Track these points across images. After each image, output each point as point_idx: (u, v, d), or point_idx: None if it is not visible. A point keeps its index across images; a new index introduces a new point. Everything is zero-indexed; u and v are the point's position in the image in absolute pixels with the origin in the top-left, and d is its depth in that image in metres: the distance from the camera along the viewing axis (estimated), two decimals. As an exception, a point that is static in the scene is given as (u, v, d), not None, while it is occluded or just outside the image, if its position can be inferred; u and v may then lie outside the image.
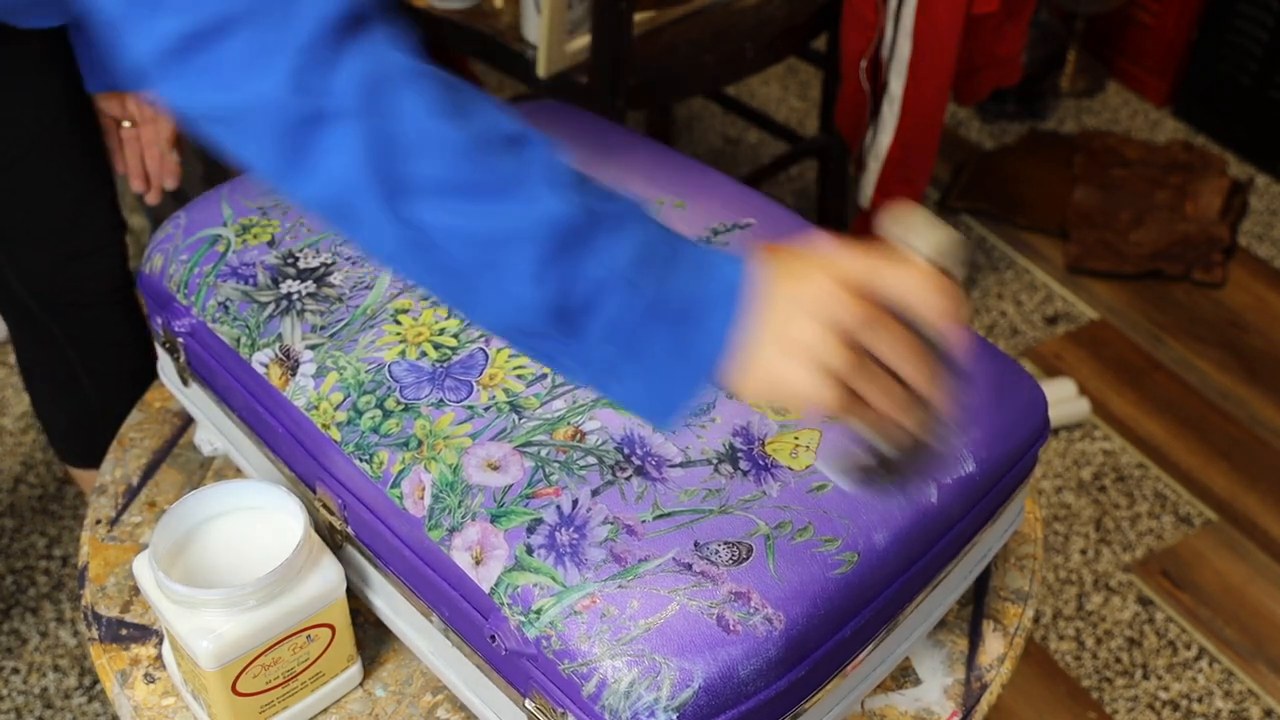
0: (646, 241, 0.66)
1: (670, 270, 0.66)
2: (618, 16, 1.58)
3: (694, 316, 0.66)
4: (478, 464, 0.80)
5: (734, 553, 0.75)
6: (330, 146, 0.64)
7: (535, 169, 0.65)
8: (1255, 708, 1.70)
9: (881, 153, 1.90)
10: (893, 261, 0.67)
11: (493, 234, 0.64)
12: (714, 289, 0.66)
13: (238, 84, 0.64)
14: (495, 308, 0.66)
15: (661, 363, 0.66)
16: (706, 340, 0.66)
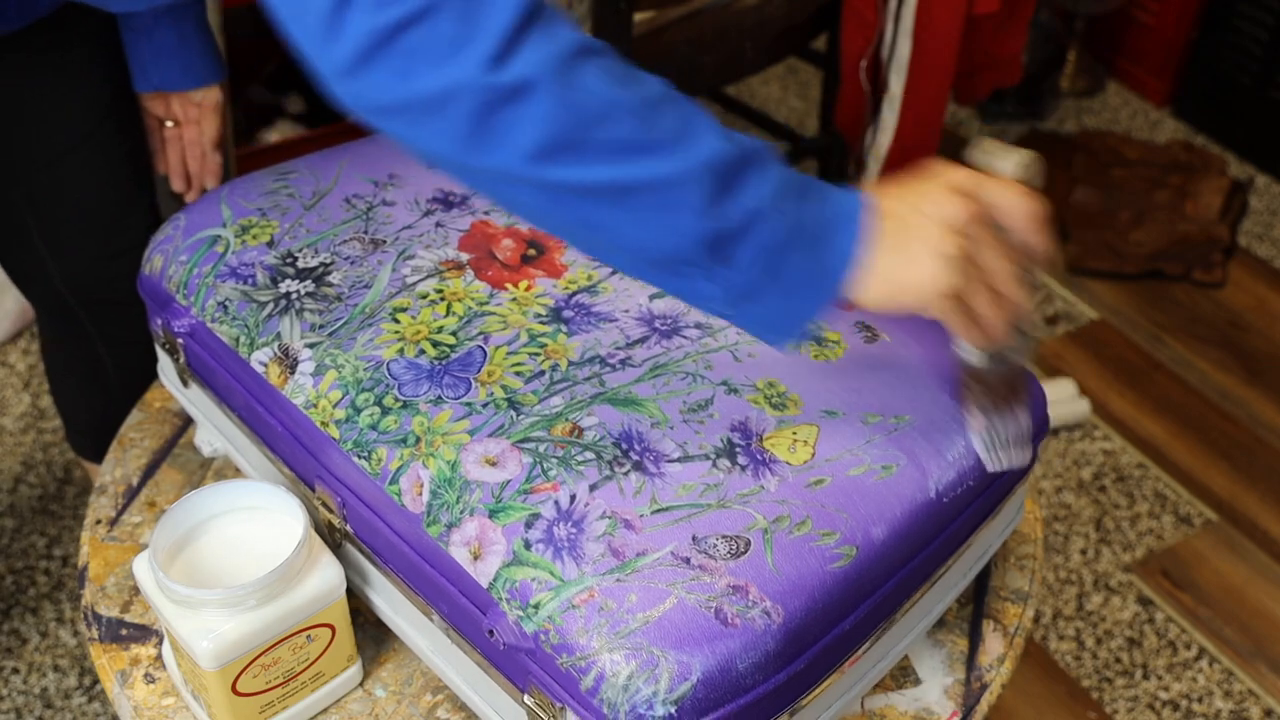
0: (783, 174, 0.73)
1: (803, 198, 0.73)
2: (618, 16, 1.58)
3: (825, 237, 0.73)
4: (476, 460, 0.80)
5: (732, 546, 0.75)
6: (520, 119, 0.68)
7: (694, 118, 0.72)
8: (1255, 708, 1.70)
9: (881, 153, 1.90)
10: (987, 177, 0.76)
11: (670, 178, 0.70)
12: (840, 212, 0.73)
13: (431, 72, 0.68)
14: (662, 242, 0.72)
15: (798, 282, 0.73)
16: (837, 257, 0.73)
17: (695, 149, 0.71)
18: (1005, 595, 0.99)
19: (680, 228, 0.71)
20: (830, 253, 0.73)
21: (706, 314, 0.89)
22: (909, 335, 0.91)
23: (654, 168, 0.70)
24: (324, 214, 0.99)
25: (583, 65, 0.70)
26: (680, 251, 0.72)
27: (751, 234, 0.71)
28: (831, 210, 0.74)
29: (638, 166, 0.70)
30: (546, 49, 0.69)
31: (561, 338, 0.87)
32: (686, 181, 0.70)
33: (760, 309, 0.74)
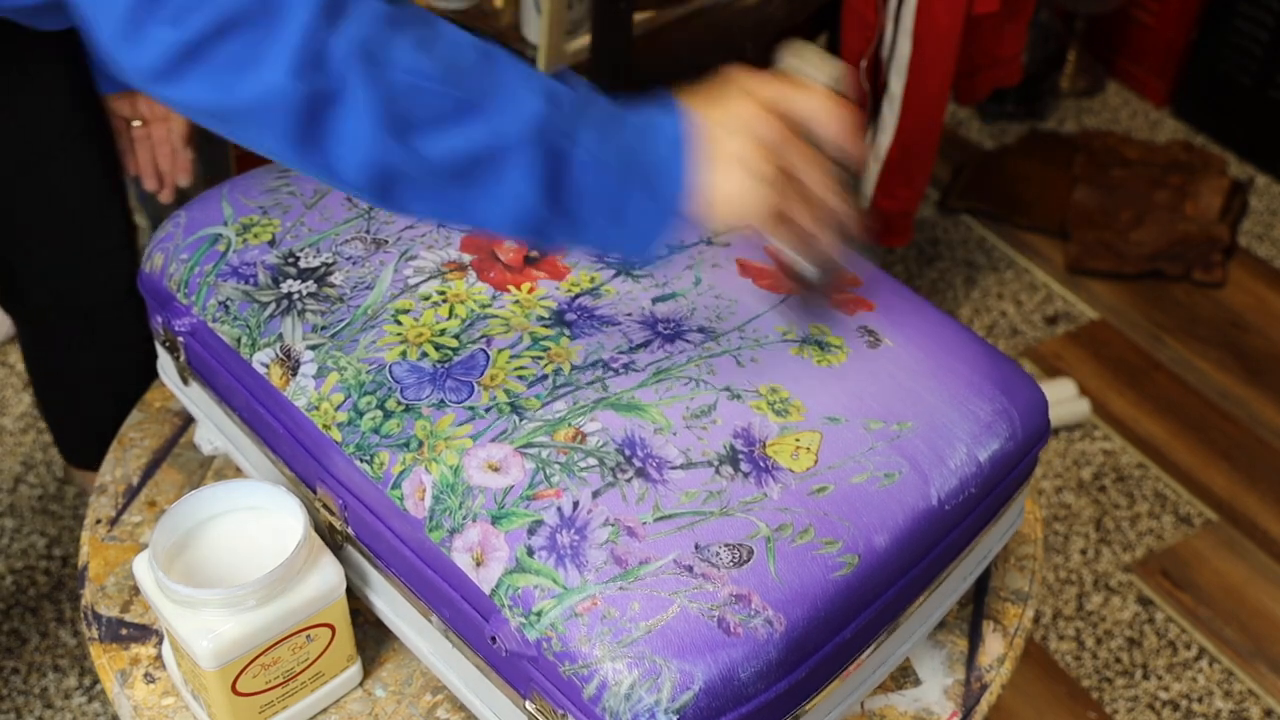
0: (603, 118, 0.75)
1: (627, 138, 0.75)
2: (618, 16, 1.58)
3: (656, 171, 0.75)
4: (478, 465, 0.80)
5: (735, 555, 0.75)
6: (344, 124, 0.68)
7: (509, 75, 0.73)
8: (1255, 708, 1.70)
9: (881, 153, 1.90)
10: (797, 87, 0.78)
11: (491, 146, 0.71)
12: (665, 142, 0.76)
13: (241, 83, 0.67)
14: (502, 212, 0.73)
15: (640, 218, 0.76)
16: (670, 185, 0.75)
17: (515, 110, 0.71)
18: (1005, 596, 0.99)
19: (517, 193, 0.72)
20: (663, 183, 0.75)
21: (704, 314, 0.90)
22: (912, 341, 0.91)
23: (474, 136, 0.70)
24: (325, 213, 0.98)
25: (388, 43, 0.69)
26: (525, 217, 0.73)
27: (584, 188, 0.73)
28: (657, 142, 0.75)
29: (457, 137, 0.70)
30: (350, 40, 0.68)
31: (564, 341, 0.87)
32: (511, 147, 0.71)
33: (611, 245, 0.78)
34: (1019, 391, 0.89)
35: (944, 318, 0.95)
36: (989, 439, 0.85)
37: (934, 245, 2.44)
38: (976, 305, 2.31)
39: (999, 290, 2.35)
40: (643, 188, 0.75)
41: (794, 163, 0.76)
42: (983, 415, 0.86)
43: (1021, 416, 0.88)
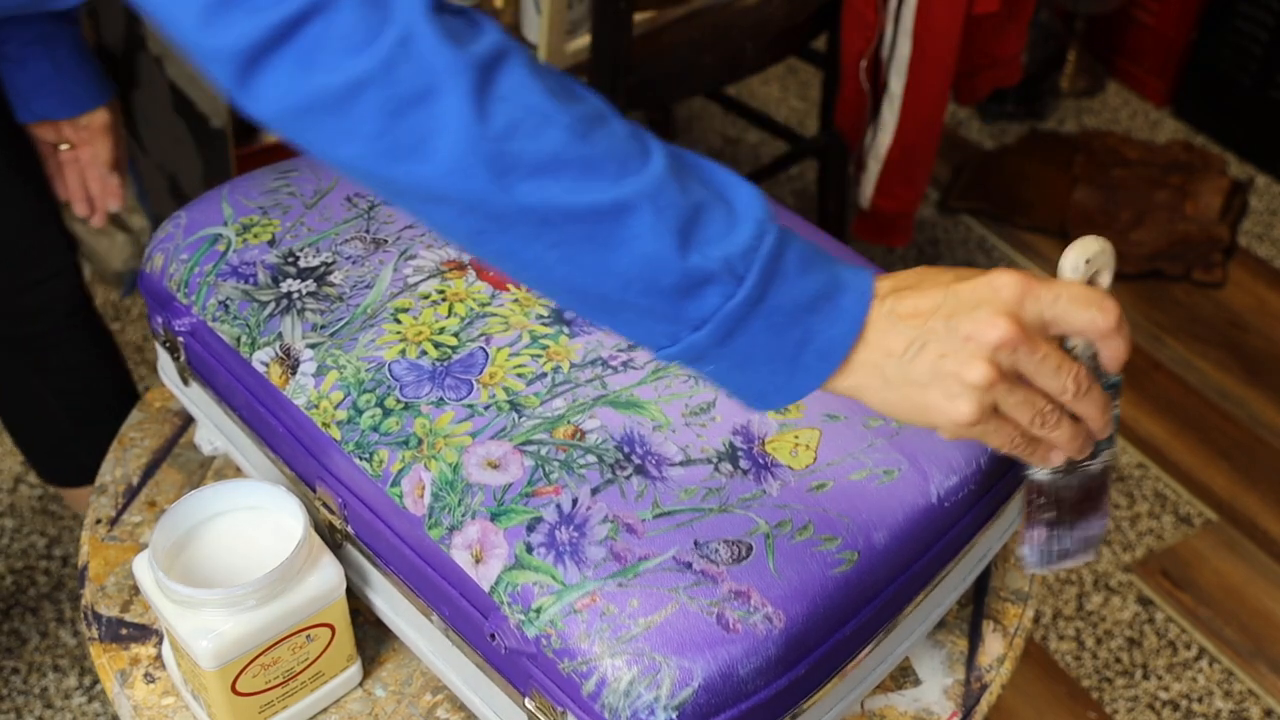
0: (770, 233, 0.65)
1: (800, 265, 0.66)
2: (618, 16, 1.58)
3: (809, 322, 0.66)
4: (478, 462, 0.80)
5: (734, 551, 0.75)
6: (438, 126, 0.62)
7: (643, 140, 0.66)
8: (1255, 708, 1.70)
9: (881, 153, 1.90)
10: (1045, 280, 0.66)
11: (612, 204, 0.64)
12: (843, 295, 0.66)
13: (337, 65, 0.62)
14: (598, 282, 0.65)
15: (769, 360, 0.66)
16: (819, 346, 0.66)
17: (644, 174, 0.64)
18: (1005, 595, 0.99)
19: (619, 267, 0.64)
20: (813, 338, 0.66)
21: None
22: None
23: (592, 192, 0.63)
24: (325, 213, 0.99)
25: (506, 68, 0.64)
26: (614, 293, 0.65)
27: (710, 293, 0.64)
28: (829, 290, 0.65)
29: (573, 191, 0.63)
30: (460, 44, 0.63)
31: (563, 339, 0.87)
32: (634, 209, 0.63)
33: (715, 374, 0.67)
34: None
35: (943, 316, 0.95)
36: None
37: (934, 245, 2.44)
38: (976, 305, 2.31)
39: (999, 290, 2.34)
40: (785, 328, 0.65)
41: (1026, 370, 0.65)
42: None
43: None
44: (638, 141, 0.65)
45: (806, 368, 0.66)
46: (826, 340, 0.65)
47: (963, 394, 0.64)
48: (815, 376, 0.66)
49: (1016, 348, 0.64)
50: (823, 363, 0.66)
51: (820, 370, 0.66)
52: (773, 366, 0.66)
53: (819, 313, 0.65)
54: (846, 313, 0.65)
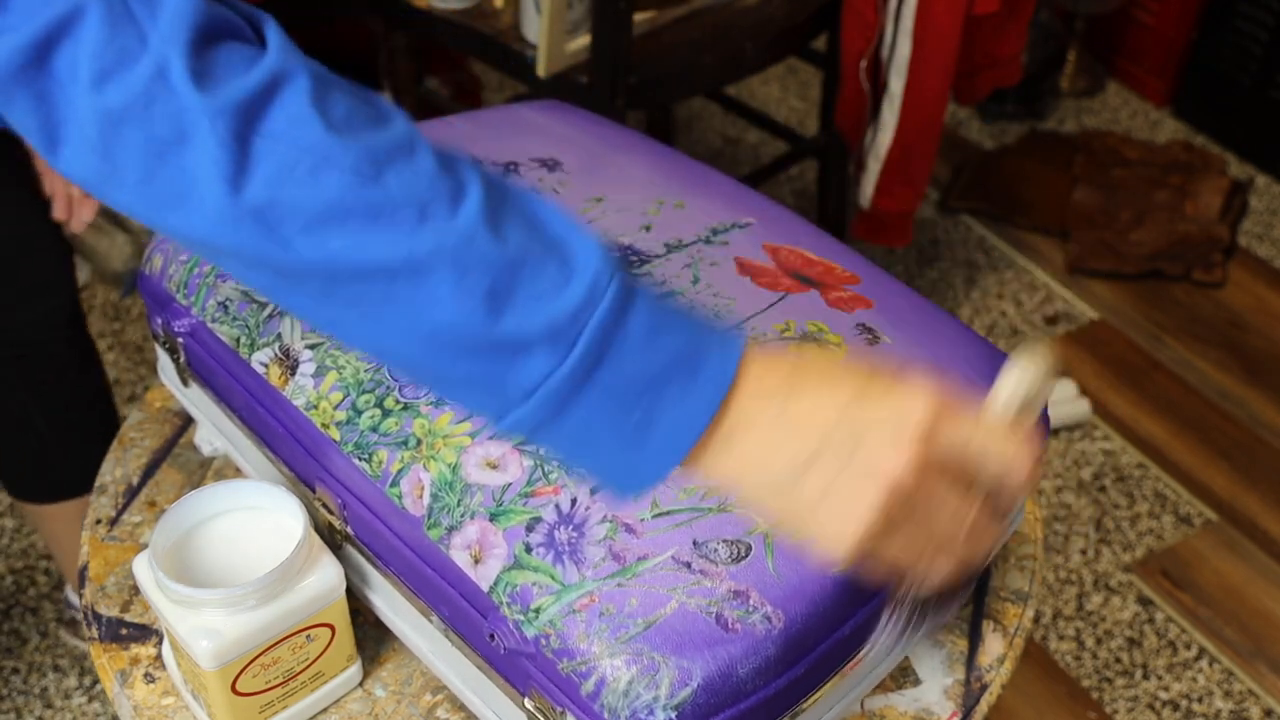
0: (632, 299, 0.57)
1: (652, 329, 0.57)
2: (618, 16, 1.58)
3: (666, 400, 0.57)
4: (477, 463, 0.80)
5: (733, 551, 0.75)
6: (195, 175, 0.55)
7: (457, 175, 0.57)
8: (1255, 708, 1.70)
9: (881, 153, 1.90)
10: (961, 414, 0.58)
11: (400, 263, 0.55)
12: (704, 363, 0.57)
13: (107, 83, 0.55)
14: (398, 347, 0.58)
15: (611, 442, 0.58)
16: (672, 429, 0.57)
17: (449, 223, 0.55)
18: (1005, 595, 0.99)
19: (423, 331, 0.56)
20: (660, 418, 0.57)
21: None
22: (910, 338, 0.91)
23: (380, 247, 0.55)
24: (324, 215, 0.98)
25: (279, 101, 0.56)
26: (427, 359, 0.57)
27: (533, 362, 0.56)
28: (686, 362, 0.56)
29: (355, 244, 0.55)
30: (212, 83, 0.55)
31: (562, 339, 0.87)
32: (431, 267, 0.55)
33: (556, 453, 0.60)
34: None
35: (942, 315, 0.95)
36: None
37: (934, 245, 2.44)
38: (976, 305, 2.31)
39: (999, 290, 2.35)
40: (647, 402, 0.57)
41: (927, 505, 0.58)
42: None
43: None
44: (449, 179, 0.57)
45: (656, 452, 0.57)
46: (675, 421, 0.57)
47: (849, 524, 0.57)
48: (667, 461, 0.57)
49: (915, 488, 0.57)
50: (672, 447, 0.57)
51: (670, 455, 0.57)
52: (618, 446, 0.57)
53: (670, 387, 0.56)
54: (702, 390, 0.57)
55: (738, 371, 0.57)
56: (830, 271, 0.96)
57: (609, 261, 0.57)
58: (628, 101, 1.67)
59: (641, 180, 1.03)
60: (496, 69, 1.86)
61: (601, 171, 1.04)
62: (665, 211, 1.00)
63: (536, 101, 1.18)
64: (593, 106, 1.54)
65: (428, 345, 0.57)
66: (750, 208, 1.02)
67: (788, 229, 1.00)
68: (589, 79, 1.65)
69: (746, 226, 0.99)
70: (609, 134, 1.11)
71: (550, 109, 1.15)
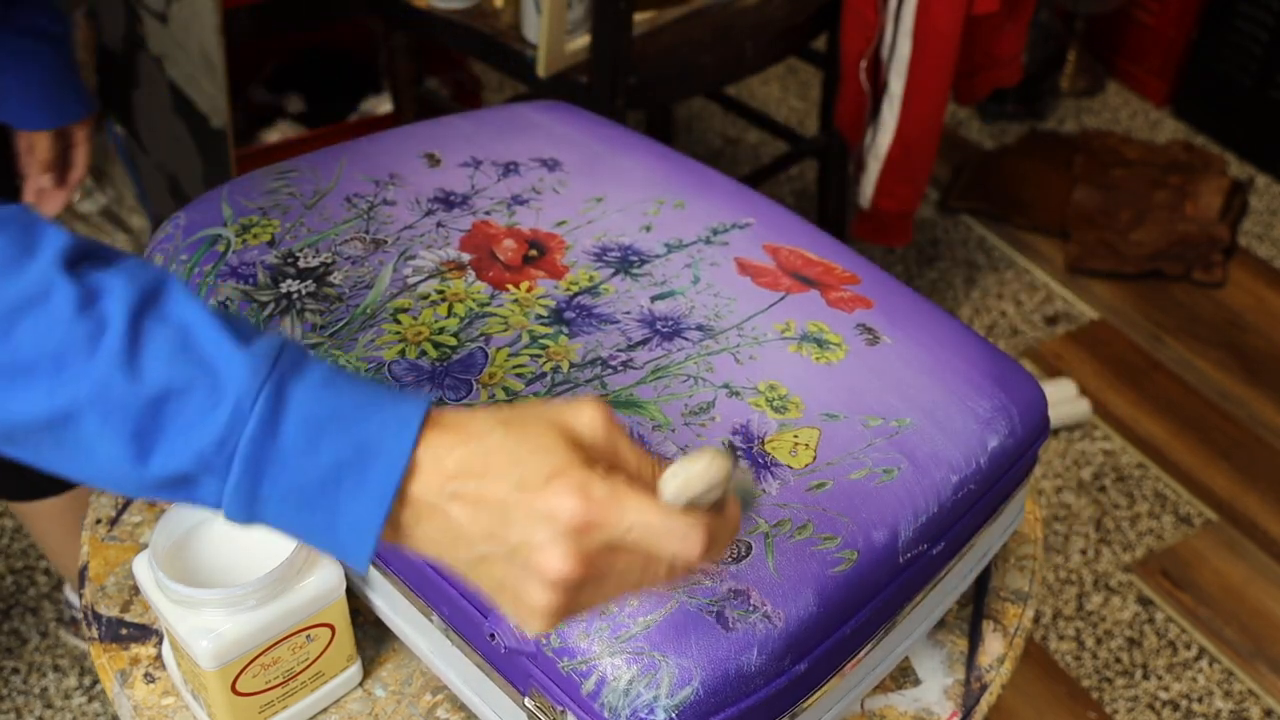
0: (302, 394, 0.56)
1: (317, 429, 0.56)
2: (618, 16, 1.58)
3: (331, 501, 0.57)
4: (477, 463, 0.80)
5: (733, 550, 0.75)
6: None
7: (78, 327, 0.56)
8: (1255, 708, 1.70)
9: (881, 153, 1.90)
10: (618, 503, 0.55)
11: (47, 418, 0.55)
12: (375, 456, 0.56)
13: None
14: (94, 478, 0.58)
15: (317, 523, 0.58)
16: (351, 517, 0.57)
17: (87, 370, 0.55)
18: (1005, 595, 0.99)
19: (98, 472, 0.56)
20: (339, 516, 0.57)
21: (701, 320, 0.89)
22: (911, 338, 0.91)
23: (26, 404, 0.55)
24: (325, 213, 0.99)
25: None
26: (125, 487, 0.57)
27: (200, 487, 0.56)
28: (355, 460, 0.56)
29: (3, 402, 0.55)
30: None
31: (563, 339, 0.87)
32: (78, 416, 0.55)
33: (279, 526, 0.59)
34: (1017, 388, 0.89)
35: (942, 315, 0.95)
36: (988, 436, 0.86)
37: (934, 245, 2.44)
38: (976, 305, 2.31)
39: (999, 290, 2.35)
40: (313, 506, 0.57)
41: (602, 585, 0.57)
42: (981, 412, 0.86)
43: (1020, 413, 0.88)
44: (86, 321, 0.56)
45: (349, 543, 0.57)
46: (355, 518, 0.57)
47: (526, 615, 0.57)
48: (361, 550, 0.57)
49: (584, 575, 0.55)
50: (360, 540, 0.57)
51: (361, 546, 0.57)
52: (317, 538, 0.58)
53: (342, 488, 0.56)
54: (374, 489, 0.56)
55: (413, 458, 0.57)
56: (830, 271, 0.96)
57: (259, 372, 0.56)
58: (628, 101, 1.67)
59: (641, 180, 1.03)
60: (496, 69, 1.86)
61: (601, 171, 1.04)
62: (665, 211, 1.00)
63: (536, 101, 1.18)
64: (593, 106, 1.54)
65: (112, 485, 0.57)
66: (750, 208, 1.02)
67: (788, 229, 1.00)
68: (589, 79, 1.65)
69: (746, 226, 0.99)
70: (609, 134, 1.11)
71: (550, 109, 1.15)
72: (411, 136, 1.09)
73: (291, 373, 0.57)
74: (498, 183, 1.02)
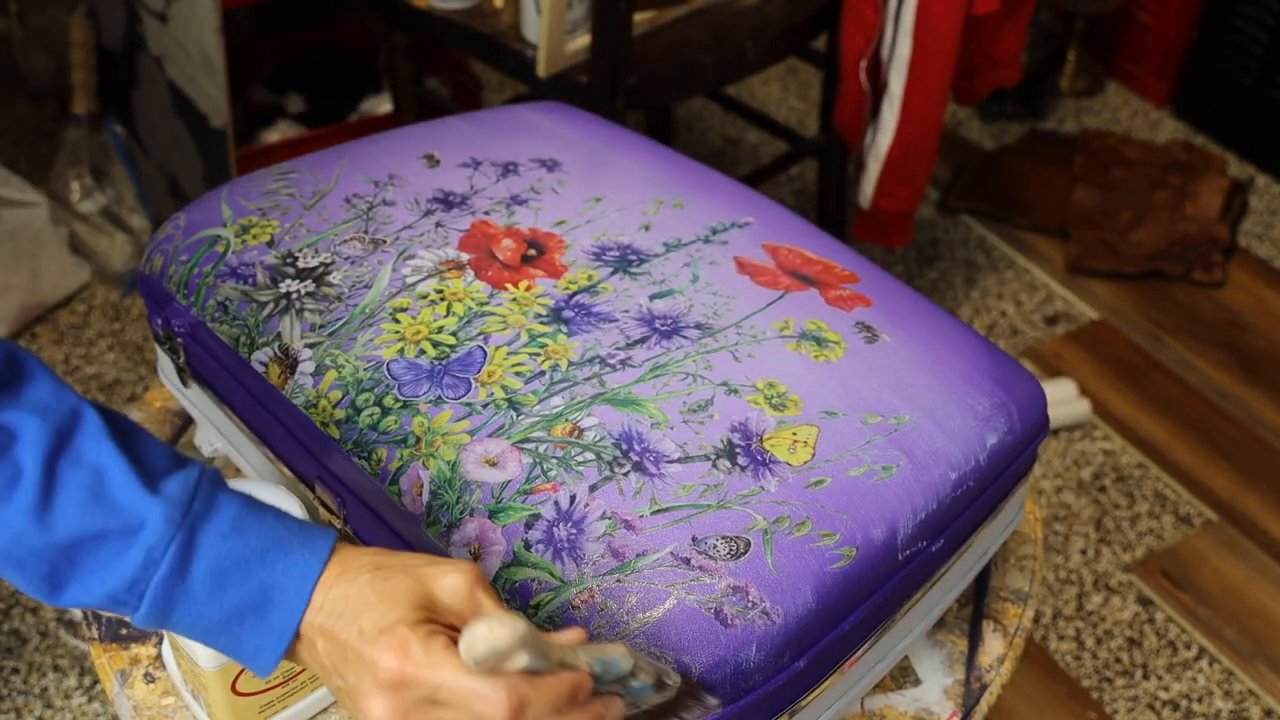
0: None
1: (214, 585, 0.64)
2: (618, 16, 1.58)
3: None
4: (476, 460, 0.80)
5: (732, 547, 0.75)
6: None
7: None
8: (1255, 708, 1.70)
9: (881, 153, 1.90)
10: (432, 665, 0.60)
11: None
12: (273, 605, 0.64)
13: None
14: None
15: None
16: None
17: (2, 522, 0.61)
18: (1005, 595, 0.99)
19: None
20: (241, 646, 0.65)
21: (701, 319, 0.89)
22: (910, 335, 0.91)
23: None
24: (324, 214, 0.99)
25: None
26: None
27: (121, 610, 0.64)
28: (256, 604, 0.64)
29: None
30: None
31: (562, 338, 0.87)
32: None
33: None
34: (1017, 386, 0.89)
35: (941, 313, 0.95)
36: (987, 433, 0.86)
37: (934, 245, 2.44)
38: (976, 305, 2.31)
39: (999, 290, 2.35)
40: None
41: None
42: (980, 409, 0.86)
43: (1019, 411, 0.88)
44: (2, 470, 0.62)
45: (252, 663, 0.65)
46: (256, 648, 0.64)
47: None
48: (262, 671, 0.65)
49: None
50: (261, 664, 0.65)
51: (263, 668, 0.65)
52: (227, 652, 0.65)
53: (244, 625, 0.64)
54: (272, 628, 0.64)
55: (311, 598, 0.64)
56: (829, 270, 0.96)
57: (171, 521, 0.63)
58: (628, 101, 1.67)
59: (641, 180, 1.04)
60: (496, 69, 1.86)
61: (601, 171, 1.04)
62: (665, 211, 1.00)
63: (536, 102, 1.18)
64: (593, 106, 1.54)
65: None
66: (750, 207, 1.02)
67: (787, 228, 1.00)
68: (589, 79, 1.65)
69: (746, 226, 1.00)
70: (609, 134, 1.11)
71: (550, 109, 1.15)
72: (411, 137, 1.09)
73: (202, 520, 0.64)
74: (497, 183, 1.02)
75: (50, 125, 2.54)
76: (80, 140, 2.25)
